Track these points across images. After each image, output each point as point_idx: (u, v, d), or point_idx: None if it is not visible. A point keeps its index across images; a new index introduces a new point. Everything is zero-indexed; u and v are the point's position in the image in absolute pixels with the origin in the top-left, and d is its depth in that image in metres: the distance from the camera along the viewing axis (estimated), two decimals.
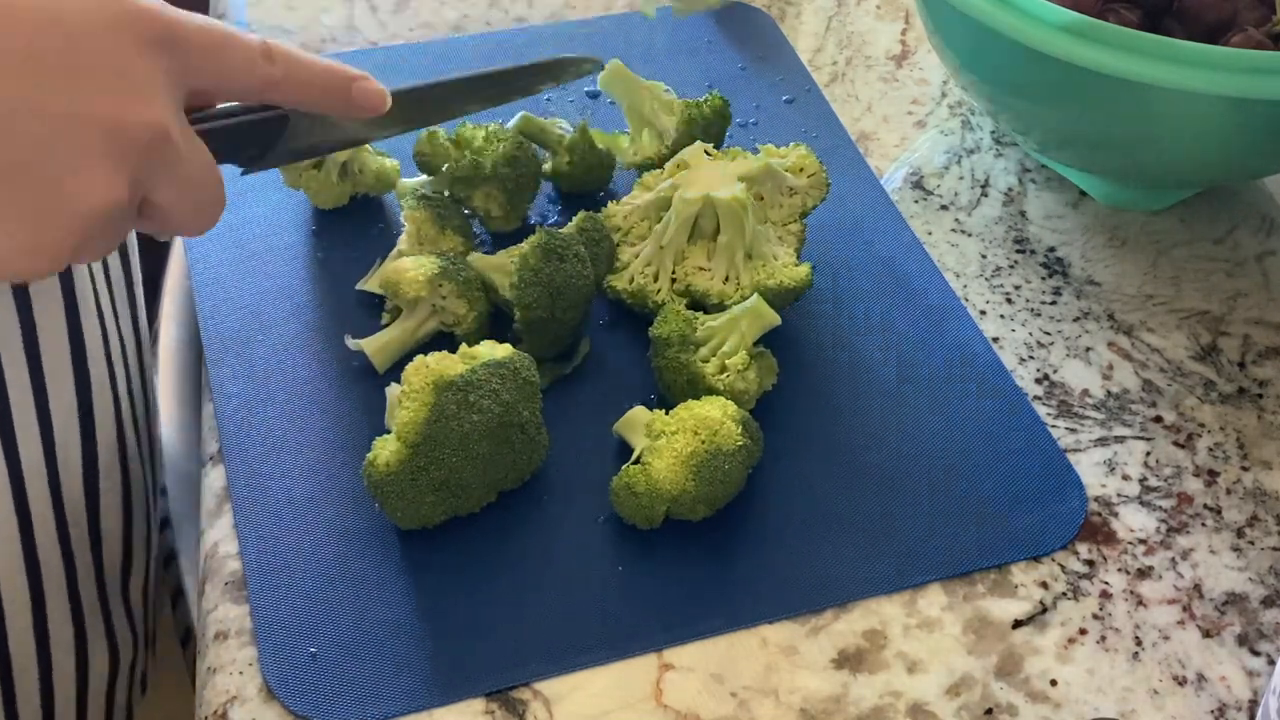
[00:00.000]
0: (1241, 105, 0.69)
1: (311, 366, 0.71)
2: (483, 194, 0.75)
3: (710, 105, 0.80)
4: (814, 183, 0.75)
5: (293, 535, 0.64)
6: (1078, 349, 0.74)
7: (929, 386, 0.71)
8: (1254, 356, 0.74)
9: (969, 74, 0.79)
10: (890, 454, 0.68)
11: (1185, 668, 0.61)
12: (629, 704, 0.59)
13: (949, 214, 0.82)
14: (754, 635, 0.61)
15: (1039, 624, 0.62)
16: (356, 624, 0.61)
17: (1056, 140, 0.80)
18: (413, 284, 0.70)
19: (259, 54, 0.54)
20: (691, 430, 0.63)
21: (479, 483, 0.63)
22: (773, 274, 0.71)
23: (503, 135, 0.76)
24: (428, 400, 0.62)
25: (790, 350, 0.72)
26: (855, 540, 0.65)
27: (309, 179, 0.78)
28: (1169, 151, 0.75)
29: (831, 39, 0.94)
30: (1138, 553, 0.65)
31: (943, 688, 0.60)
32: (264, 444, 0.68)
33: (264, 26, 0.92)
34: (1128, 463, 0.69)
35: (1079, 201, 0.83)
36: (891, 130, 0.87)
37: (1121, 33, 0.69)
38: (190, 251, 0.77)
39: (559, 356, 0.72)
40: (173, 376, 0.83)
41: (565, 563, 0.63)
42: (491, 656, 0.60)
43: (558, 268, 0.68)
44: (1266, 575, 0.65)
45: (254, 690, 0.59)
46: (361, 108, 0.58)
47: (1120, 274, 0.79)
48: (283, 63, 0.55)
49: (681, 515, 0.64)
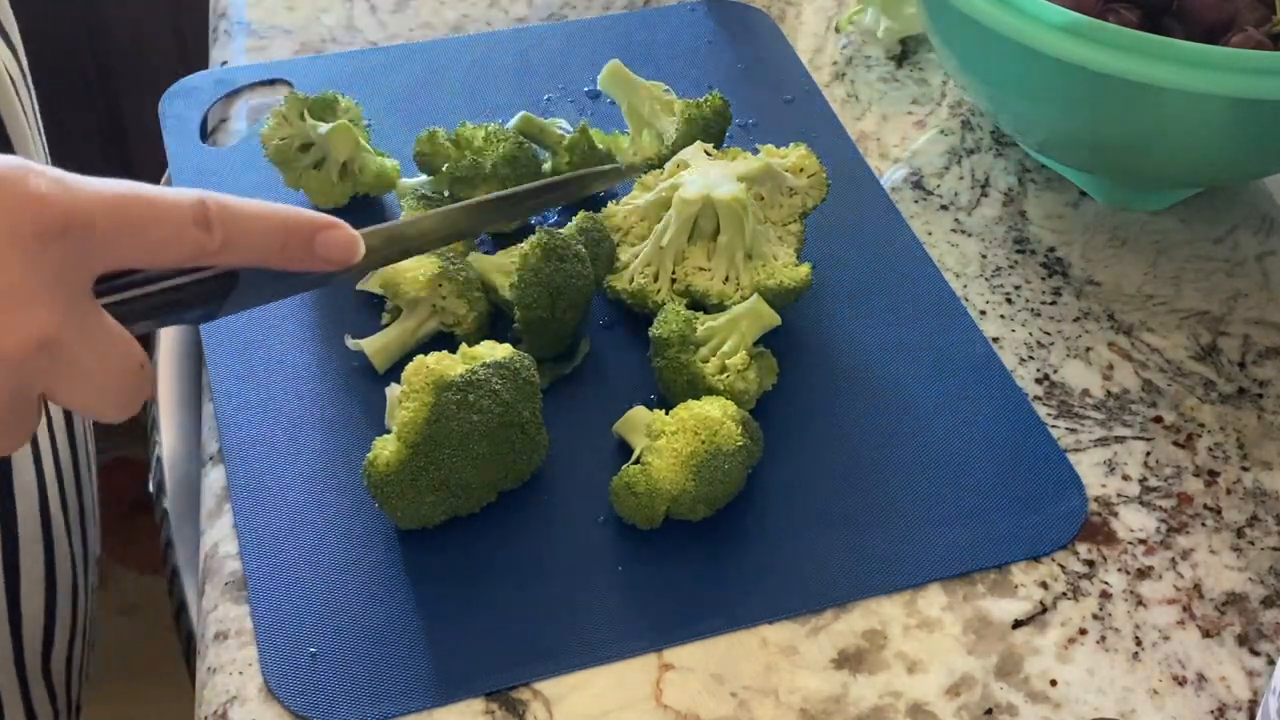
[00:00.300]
0: (1241, 105, 0.69)
1: (311, 366, 0.71)
2: (483, 194, 0.75)
3: (710, 105, 0.80)
4: (814, 183, 0.75)
5: (293, 535, 0.64)
6: (1078, 349, 0.74)
7: (929, 387, 0.71)
8: (1254, 356, 0.74)
9: (969, 74, 0.79)
10: (890, 454, 0.68)
11: (1185, 668, 0.61)
12: (629, 704, 0.59)
13: (949, 214, 0.82)
14: (754, 635, 0.61)
15: (1039, 624, 0.62)
16: (356, 624, 0.61)
17: (1056, 140, 0.80)
18: (413, 284, 0.70)
19: (190, 222, 0.48)
20: (691, 430, 0.63)
21: (479, 483, 0.63)
22: (773, 274, 0.71)
23: (503, 135, 0.76)
24: (428, 400, 0.62)
25: (790, 350, 0.72)
26: (855, 540, 0.65)
27: (309, 179, 0.78)
28: (1169, 151, 0.75)
29: (831, 39, 0.94)
30: (1138, 553, 0.65)
31: (943, 688, 0.60)
32: (264, 444, 0.68)
33: (264, 26, 0.92)
34: (1128, 463, 0.69)
35: (1079, 201, 0.83)
36: (891, 130, 0.87)
37: (1121, 33, 0.69)
38: None
39: (559, 356, 0.72)
40: (173, 376, 0.83)
41: (565, 563, 0.63)
42: (491, 656, 0.60)
43: (558, 268, 0.68)
44: (1266, 575, 0.65)
45: (254, 690, 0.59)
46: (327, 260, 0.51)
47: (1120, 274, 0.79)
48: (221, 227, 0.48)
49: (681, 515, 0.64)
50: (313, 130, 0.77)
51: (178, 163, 0.83)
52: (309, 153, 0.78)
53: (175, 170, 0.82)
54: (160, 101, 0.87)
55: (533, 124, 0.80)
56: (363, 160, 0.78)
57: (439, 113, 0.85)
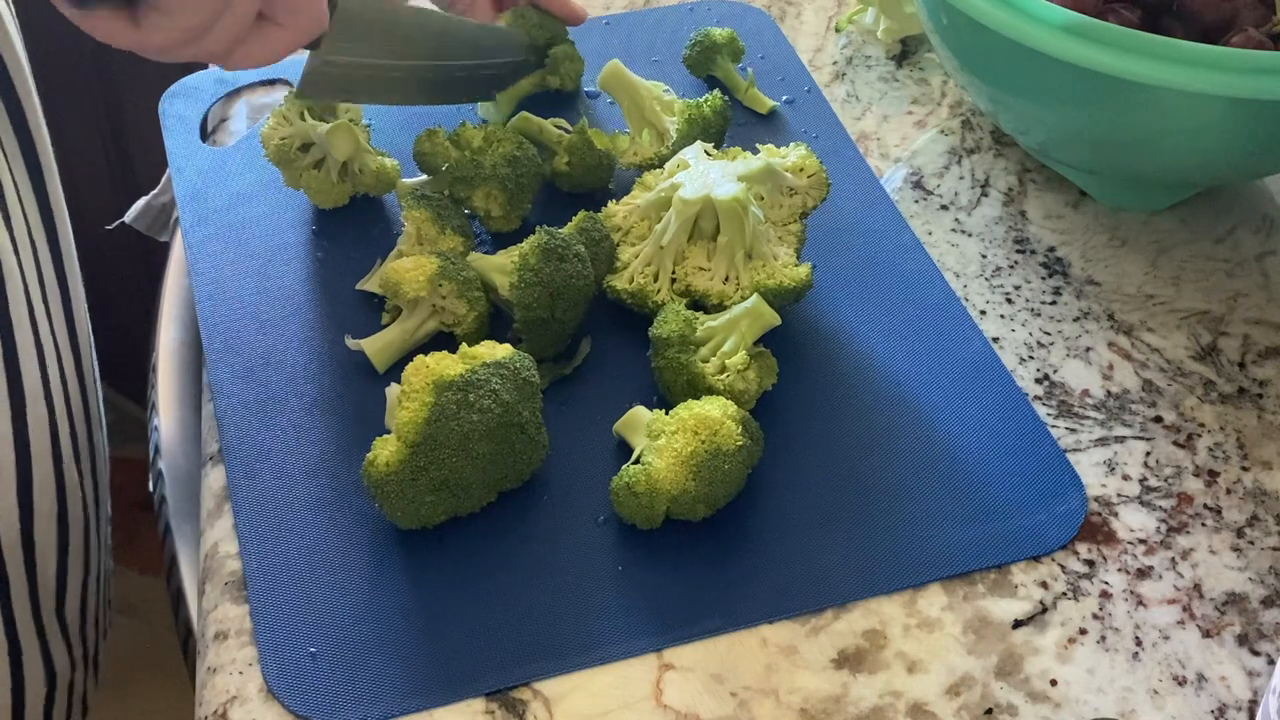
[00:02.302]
0: (1241, 105, 0.69)
1: (311, 366, 0.71)
2: (483, 194, 0.75)
3: (710, 106, 0.80)
4: (814, 183, 0.75)
5: (293, 535, 0.64)
6: (1078, 349, 0.74)
7: (929, 387, 0.71)
8: (1254, 356, 0.74)
9: (969, 74, 0.79)
10: (890, 454, 0.68)
11: (1185, 668, 0.61)
12: (629, 704, 0.59)
13: (949, 214, 0.82)
14: (754, 635, 0.61)
15: (1039, 624, 0.62)
16: (356, 624, 0.61)
17: (1056, 140, 0.80)
18: (413, 284, 0.70)
19: None
20: (691, 430, 0.63)
21: (479, 483, 0.63)
22: (773, 274, 0.71)
23: (503, 135, 0.76)
24: (428, 400, 0.62)
25: (790, 350, 0.72)
26: (855, 540, 0.65)
27: (309, 179, 0.78)
28: (1169, 151, 0.75)
29: (831, 39, 0.94)
30: (1138, 553, 0.65)
31: (943, 688, 0.60)
32: (264, 444, 0.68)
33: None
34: (1128, 463, 0.69)
35: (1079, 201, 0.83)
36: (891, 130, 0.87)
37: (1121, 33, 0.69)
38: (190, 251, 0.77)
39: (559, 356, 0.72)
40: (173, 376, 0.83)
41: (565, 563, 0.63)
42: (491, 656, 0.60)
43: (558, 268, 0.68)
44: (1266, 575, 0.65)
45: (254, 690, 0.59)
46: None
47: (1120, 274, 0.79)
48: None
49: (681, 515, 0.64)
50: (313, 130, 0.77)
51: (178, 163, 0.83)
52: (309, 153, 0.78)
53: (175, 170, 0.82)
54: (160, 101, 0.87)
55: (531, 123, 0.80)
56: (363, 160, 0.78)
57: (439, 112, 0.85)
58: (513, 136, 0.77)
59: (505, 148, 0.75)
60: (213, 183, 0.81)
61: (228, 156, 0.83)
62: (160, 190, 0.89)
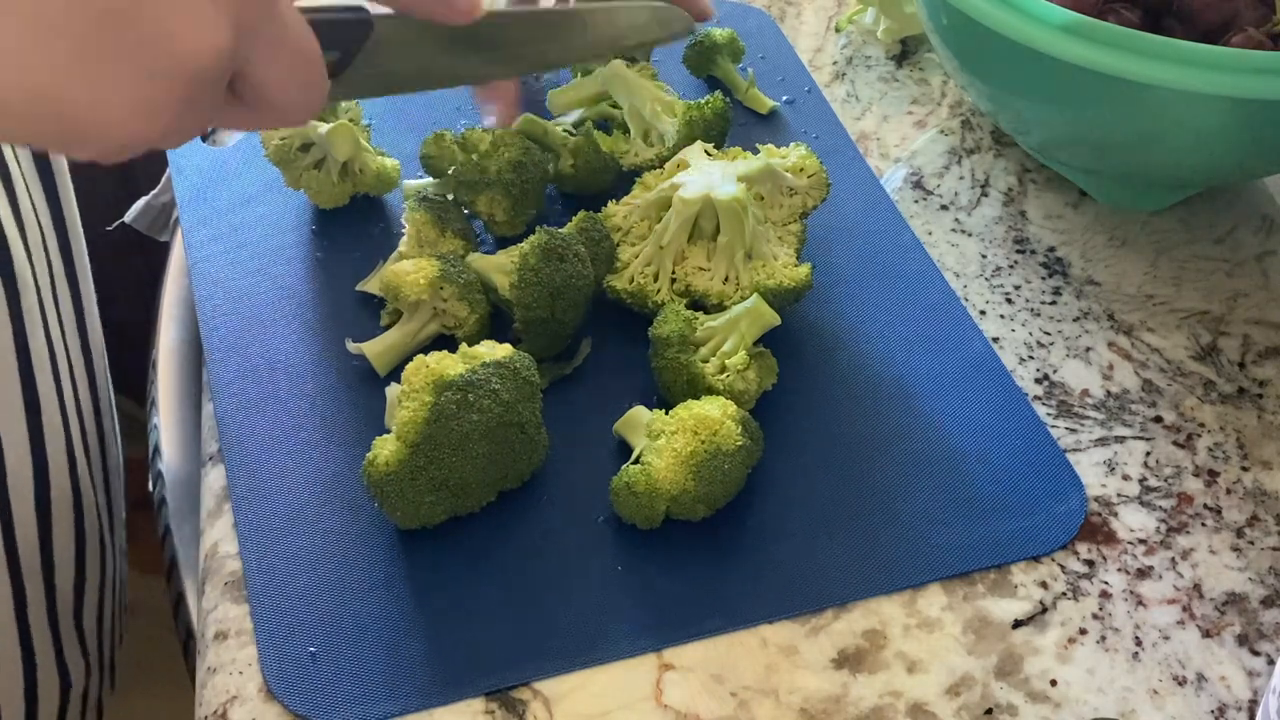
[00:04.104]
0: (1241, 105, 0.69)
1: (311, 366, 0.71)
2: (487, 199, 0.75)
3: (711, 106, 0.80)
4: (814, 183, 0.75)
5: (292, 535, 0.64)
6: (1078, 349, 0.74)
7: (929, 386, 0.71)
8: (1254, 356, 0.74)
9: (969, 74, 0.79)
10: (890, 454, 0.68)
11: (1185, 668, 0.61)
12: (629, 704, 0.59)
13: (949, 214, 0.82)
14: (754, 635, 0.61)
15: (1039, 624, 0.62)
16: (356, 624, 0.61)
17: (1056, 140, 0.80)
18: (413, 287, 0.70)
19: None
20: (691, 430, 0.63)
21: (479, 483, 0.63)
22: (773, 274, 0.71)
23: (509, 140, 0.76)
24: (427, 400, 0.62)
25: (790, 350, 0.72)
26: (855, 540, 0.65)
27: (309, 179, 0.78)
28: (1169, 151, 0.75)
29: (831, 39, 0.94)
30: (1138, 553, 0.65)
31: (943, 688, 0.60)
32: (264, 444, 0.68)
33: None
34: (1128, 463, 0.69)
35: (1079, 201, 0.83)
36: (891, 130, 0.87)
37: (1121, 33, 0.69)
38: (190, 251, 0.77)
39: (559, 356, 0.72)
40: (173, 376, 0.83)
41: (565, 563, 0.63)
42: (491, 656, 0.60)
43: (558, 268, 0.68)
44: (1266, 575, 0.65)
45: (254, 690, 0.59)
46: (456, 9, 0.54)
47: (1120, 274, 0.79)
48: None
49: (681, 515, 0.64)
50: (313, 130, 0.77)
51: (177, 162, 0.83)
52: (309, 153, 0.78)
53: (175, 170, 0.82)
54: None
55: (536, 125, 0.80)
56: (363, 160, 0.78)
57: (439, 113, 0.85)
58: (519, 141, 0.76)
59: (511, 153, 0.75)
60: (213, 183, 0.81)
61: (228, 156, 0.83)
62: (160, 190, 0.89)
